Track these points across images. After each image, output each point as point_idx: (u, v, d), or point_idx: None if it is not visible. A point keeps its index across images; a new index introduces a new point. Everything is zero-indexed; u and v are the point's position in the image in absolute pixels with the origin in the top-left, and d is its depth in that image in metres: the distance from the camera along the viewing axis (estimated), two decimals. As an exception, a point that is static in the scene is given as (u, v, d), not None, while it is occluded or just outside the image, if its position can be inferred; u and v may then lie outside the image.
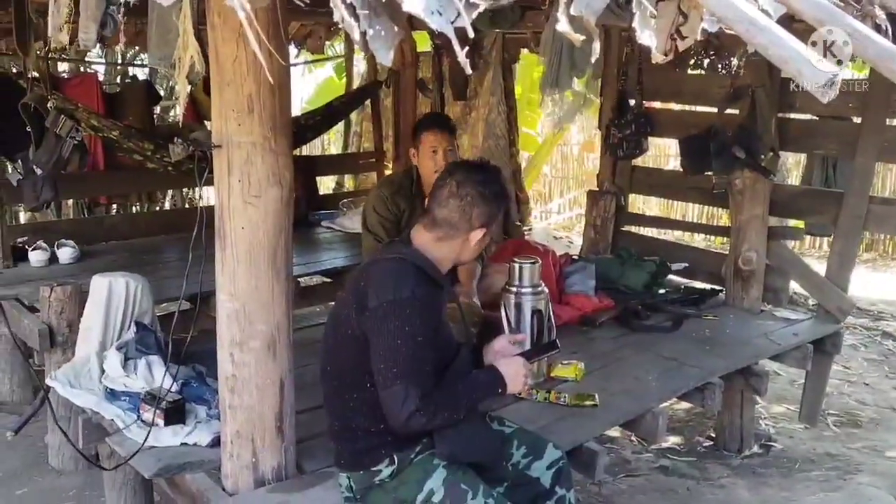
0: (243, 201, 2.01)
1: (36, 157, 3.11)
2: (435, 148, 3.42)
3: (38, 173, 3.09)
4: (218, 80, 1.99)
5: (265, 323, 2.08)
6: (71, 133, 2.99)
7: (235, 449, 2.14)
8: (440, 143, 3.41)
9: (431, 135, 3.41)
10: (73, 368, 2.78)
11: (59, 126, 3.01)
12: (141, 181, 5.33)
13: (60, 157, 3.06)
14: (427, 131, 3.44)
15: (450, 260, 2.09)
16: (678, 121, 4.29)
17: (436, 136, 3.42)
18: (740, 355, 3.25)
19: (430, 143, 3.41)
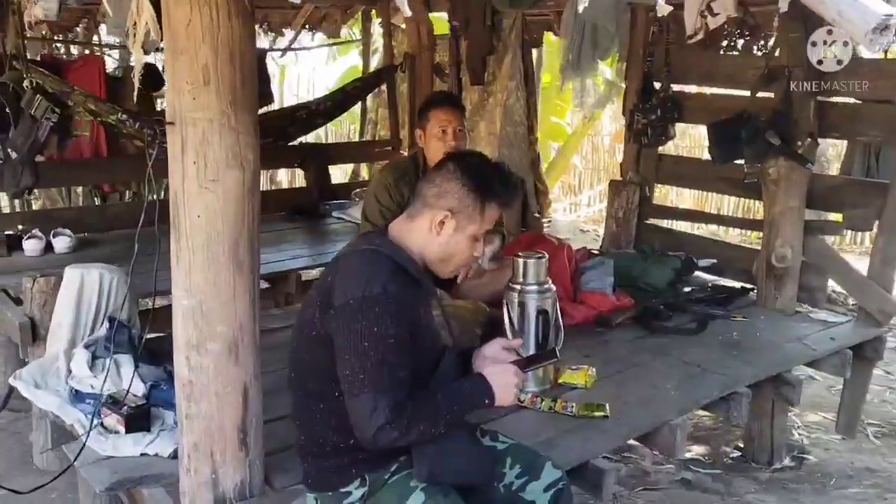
0: (199, 186, 1.78)
1: (11, 139, 2.93)
2: (444, 127, 3.18)
3: (13, 157, 2.89)
4: (171, 49, 1.75)
5: (225, 323, 1.85)
6: (46, 114, 2.78)
7: (193, 463, 1.91)
8: (450, 121, 3.19)
9: (441, 112, 3.19)
10: (41, 367, 2.58)
11: (34, 107, 2.81)
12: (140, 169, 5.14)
13: (37, 140, 2.87)
14: (436, 108, 3.21)
15: (422, 250, 1.83)
16: (708, 105, 3.97)
17: (446, 114, 3.19)
18: (770, 362, 2.95)
19: (440, 122, 3.18)
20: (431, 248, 1.83)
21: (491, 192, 1.84)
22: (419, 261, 1.85)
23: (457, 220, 1.81)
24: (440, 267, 1.87)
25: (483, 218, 1.84)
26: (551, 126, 9.17)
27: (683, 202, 7.79)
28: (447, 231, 1.82)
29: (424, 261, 1.86)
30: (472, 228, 1.83)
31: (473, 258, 1.91)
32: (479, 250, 1.89)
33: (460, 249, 1.84)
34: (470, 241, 1.84)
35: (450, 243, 1.83)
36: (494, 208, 1.85)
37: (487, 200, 1.83)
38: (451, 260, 1.86)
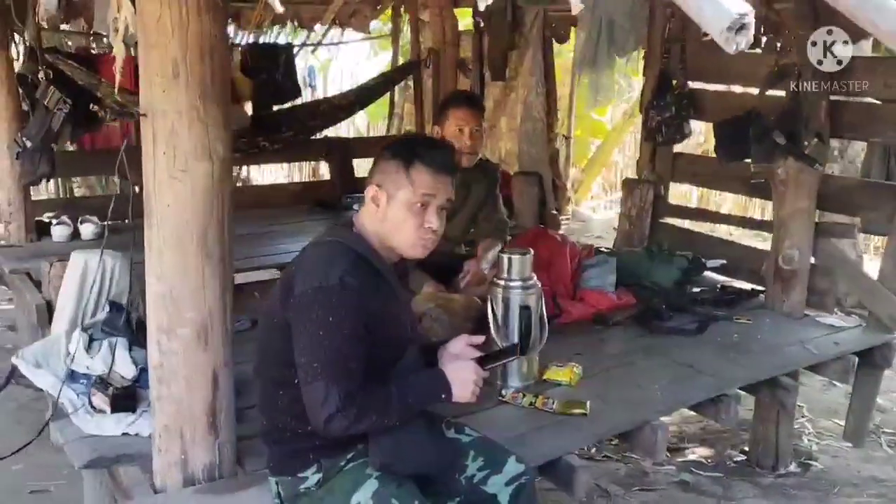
0: (169, 176, 1.84)
1: (27, 129, 3.05)
2: (461, 126, 3.22)
3: (28, 146, 3.01)
4: (143, 43, 1.82)
5: (195, 309, 1.91)
6: (58, 105, 2.89)
7: (164, 443, 1.98)
8: (468, 121, 3.22)
9: (460, 111, 3.22)
10: (44, 347, 2.68)
11: (48, 98, 2.92)
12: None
13: (50, 130, 2.97)
14: (455, 108, 3.24)
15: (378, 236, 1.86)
16: (723, 103, 3.91)
17: (465, 114, 3.22)
18: (766, 365, 2.90)
19: (458, 121, 3.22)
20: (380, 229, 1.86)
21: (412, 153, 1.84)
22: (384, 251, 1.88)
23: (387, 190, 1.84)
24: (398, 244, 1.87)
25: (412, 182, 1.82)
26: (592, 123, 9.09)
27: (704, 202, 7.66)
28: (382, 203, 1.84)
29: (391, 249, 1.88)
30: (403, 195, 1.82)
31: (428, 230, 1.86)
32: (428, 220, 1.85)
33: (401, 219, 1.83)
34: (408, 210, 1.83)
35: (388, 216, 1.84)
36: (422, 171, 1.83)
37: (411, 162, 1.83)
38: (400, 234, 1.85)
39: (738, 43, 0.94)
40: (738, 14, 0.90)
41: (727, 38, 0.93)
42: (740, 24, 0.90)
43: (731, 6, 0.90)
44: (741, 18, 0.90)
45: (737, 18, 0.90)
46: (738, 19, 0.90)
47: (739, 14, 0.89)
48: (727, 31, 0.90)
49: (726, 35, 0.92)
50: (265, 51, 5.66)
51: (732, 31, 0.91)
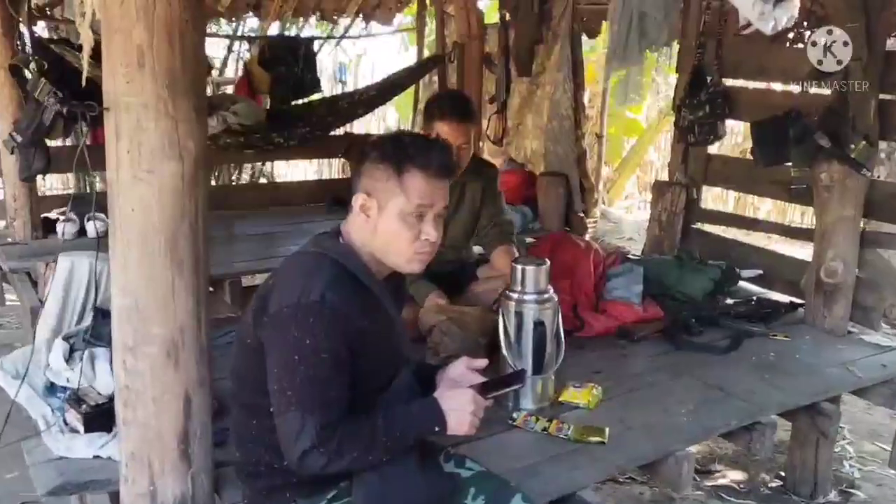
0: (133, 176, 1.65)
1: (17, 123, 2.90)
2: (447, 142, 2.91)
3: (19, 141, 2.86)
4: (105, 28, 1.63)
5: (163, 325, 1.72)
6: (49, 97, 2.72)
7: (130, 473, 1.79)
8: (455, 137, 2.83)
9: (446, 126, 2.85)
10: (24, 355, 2.52)
11: (38, 90, 2.76)
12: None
13: (41, 124, 2.81)
14: (441, 120, 2.87)
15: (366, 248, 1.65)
16: (762, 101, 3.65)
17: (451, 129, 2.85)
18: (804, 389, 2.64)
19: (444, 136, 2.79)
20: (370, 240, 1.65)
21: (404, 156, 1.61)
22: (374, 264, 1.68)
23: (377, 199, 1.62)
24: (392, 259, 1.67)
25: (404, 188, 1.61)
26: (626, 121, 8.81)
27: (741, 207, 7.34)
28: (373, 214, 1.63)
29: (380, 262, 1.68)
30: (396, 204, 1.61)
31: (426, 243, 1.66)
32: (425, 231, 1.65)
33: (393, 231, 1.63)
34: (402, 221, 1.62)
35: (380, 229, 1.63)
36: (416, 176, 1.62)
37: (402, 166, 1.61)
38: (393, 248, 1.65)
39: (778, 19, 0.72)
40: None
41: (762, 12, 0.72)
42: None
43: None
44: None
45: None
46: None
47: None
48: (762, 4, 0.68)
49: (761, 8, 0.71)
50: (284, 43, 5.52)
51: (770, 4, 0.68)
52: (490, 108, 5.30)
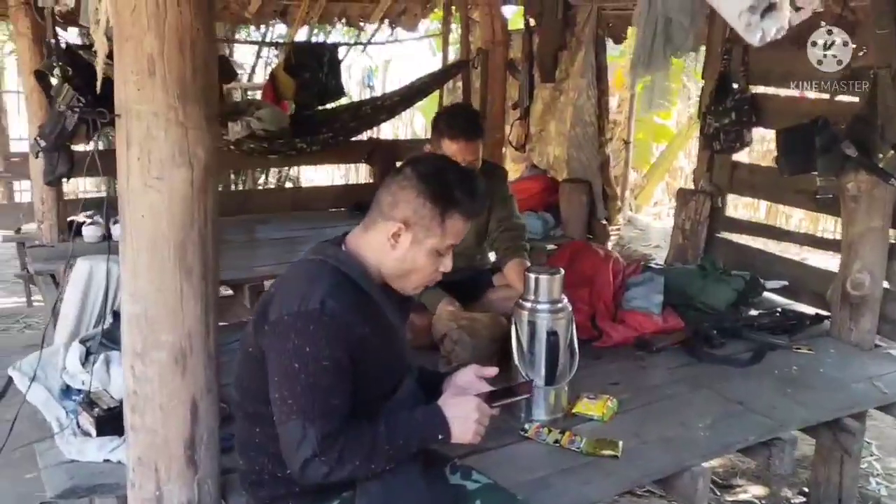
0: (143, 184, 1.65)
1: (41, 128, 2.94)
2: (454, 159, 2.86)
3: (42, 145, 2.90)
4: (117, 36, 1.63)
5: (171, 332, 1.72)
6: (72, 103, 2.76)
7: (137, 478, 1.80)
8: (462, 154, 2.80)
9: (455, 144, 2.81)
10: (42, 358, 2.55)
11: (62, 96, 2.80)
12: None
13: (64, 129, 2.85)
14: (450, 138, 2.82)
15: (378, 263, 1.65)
16: (789, 109, 3.57)
17: (459, 147, 2.81)
18: (828, 404, 2.58)
19: (451, 154, 2.80)
20: (387, 262, 1.65)
21: (451, 201, 1.62)
22: (376, 275, 1.67)
23: (413, 233, 1.61)
24: (398, 283, 1.68)
25: (444, 230, 1.62)
26: (655, 127, 8.71)
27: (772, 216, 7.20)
28: (403, 244, 1.62)
29: (382, 276, 1.67)
30: (431, 242, 1.63)
31: (440, 273, 1.70)
32: (444, 265, 1.68)
33: (420, 265, 1.64)
34: (431, 256, 1.64)
35: (406, 258, 1.63)
36: (457, 220, 1.64)
37: (448, 211, 1.62)
38: (410, 276, 1.66)
39: (766, 30, 0.69)
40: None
41: (749, 23, 0.68)
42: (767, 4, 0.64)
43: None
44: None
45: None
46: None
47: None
48: (749, 14, 0.65)
49: (748, 19, 0.67)
50: (309, 50, 5.52)
51: (756, 14, 0.65)
52: (513, 114, 5.26)
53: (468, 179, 1.69)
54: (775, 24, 0.68)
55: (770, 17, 0.67)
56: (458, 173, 1.69)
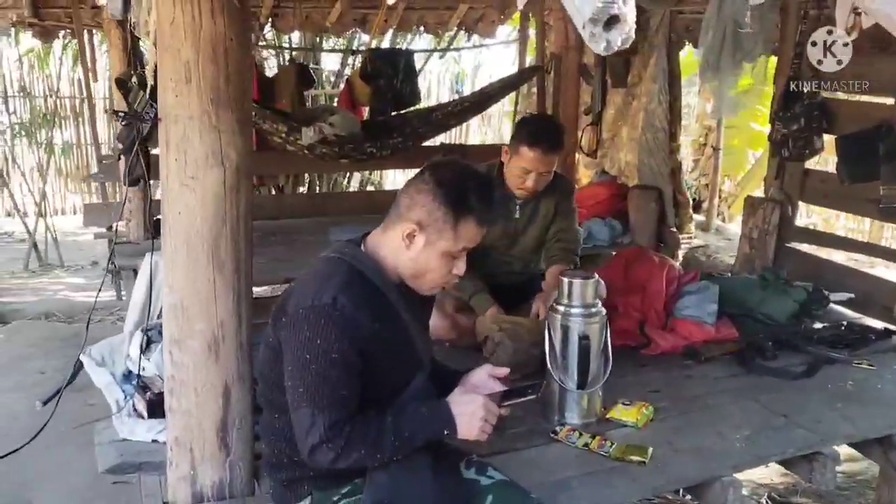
0: (180, 183, 1.79)
1: (119, 132, 3.16)
2: (529, 169, 2.86)
3: (120, 148, 3.12)
4: (159, 46, 1.77)
5: (205, 321, 1.85)
6: (146, 109, 2.96)
7: (175, 457, 1.93)
8: (538, 166, 2.86)
9: (532, 153, 2.84)
10: (111, 345, 2.76)
11: (137, 102, 3.01)
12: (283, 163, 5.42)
13: (140, 134, 3.06)
14: (530, 146, 2.83)
15: (395, 263, 1.72)
16: (863, 115, 3.43)
17: (537, 157, 2.84)
18: (878, 421, 2.47)
19: (527, 162, 2.85)
20: (402, 261, 1.71)
21: (465, 206, 1.67)
22: (394, 274, 1.74)
23: (426, 235, 1.68)
24: (414, 283, 1.75)
25: (457, 234, 1.68)
26: (751, 133, 8.45)
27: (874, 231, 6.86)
28: (417, 245, 1.68)
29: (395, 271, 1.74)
30: (443, 244, 1.68)
31: (455, 276, 1.76)
32: (458, 268, 1.74)
33: (432, 267, 1.70)
34: (443, 259, 1.70)
35: (419, 259, 1.69)
36: (471, 225, 1.69)
37: (462, 215, 1.67)
38: (424, 277, 1.72)
39: (612, 41, 0.71)
40: (602, 2, 0.66)
41: (593, 33, 0.70)
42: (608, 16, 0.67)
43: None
44: (608, 8, 0.66)
45: (601, 8, 0.66)
46: (604, 9, 0.66)
47: (605, 2, 0.65)
48: (592, 25, 0.67)
49: (592, 29, 0.69)
50: (385, 56, 5.67)
51: (598, 25, 0.68)
52: (585, 120, 5.25)
53: (485, 187, 1.73)
54: (620, 35, 0.70)
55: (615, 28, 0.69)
56: (475, 180, 1.74)
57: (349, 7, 5.56)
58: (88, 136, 8.03)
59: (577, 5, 0.70)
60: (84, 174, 8.62)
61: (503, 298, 3.08)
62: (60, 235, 7.21)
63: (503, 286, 3.15)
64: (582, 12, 0.69)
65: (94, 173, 5.56)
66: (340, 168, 6.15)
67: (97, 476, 2.13)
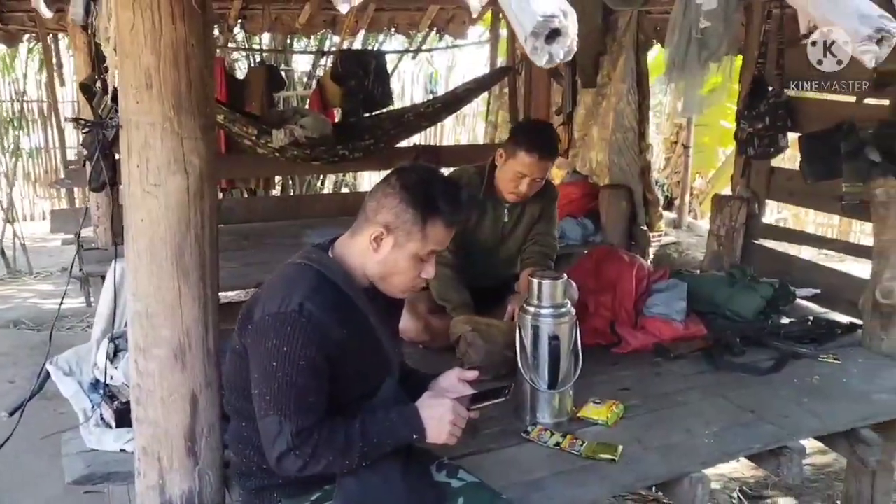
0: (142, 190, 1.76)
1: (84, 137, 3.12)
2: (524, 174, 2.88)
3: (85, 154, 3.08)
4: (119, 52, 1.75)
5: (170, 328, 1.82)
6: (110, 114, 2.92)
7: (143, 467, 1.90)
8: (534, 171, 2.89)
9: (528, 158, 2.85)
10: (78, 354, 2.71)
11: (101, 107, 2.96)
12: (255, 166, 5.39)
13: (105, 140, 3.01)
14: (526, 153, 2.85)
15: (363, 267, 1.72)
16: (827, 113, 3.48)
17: (532, 162, 2.86)
18: (844, 415, 2.51)
19: (523, 167, 2.87)
20: (371, 265, 1.72)
21: (433, 208, 1.68)
22: (362, 279, 1.74)
23: (394, 237, 1.68)
24: (383, 286, 1.75)
25: (425, 236, 1.69)
26: (722, 131, 8.54)
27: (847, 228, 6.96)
28: (385, 248, 1.69)
29: (369, 279, 1.75)
30: (412, 247, 1.69)
31: (423, 280, 1.77)
32: (426, 271, 1.74)
33: (401, 269, 1.71)
34: (412, 261, 1.70)
35: (388, 261, 1.70)
36: (439, 227, 1.70)
37: (429, 218, 1.68)
38: (392, 279, 1.73)
39: (554, 54, 0.72)
40: (543, 16, 0.66)
41: (535, 47, 0.70)
42: (549, 30, 0.67)
43: (538, 5, 0.67)
44: (549, 21, 0.67)
45: (542, 22, 0.67)
46: (545, 23, 0.67)
47: (546, 16, 0.66)
48: (533, 39, 0.68)
49: (534, 43, 0.70)
50: (356, 57, 5.66)
51: (540, 39, 0.68)
52: (557, 120, 5.28)
53: (451, 189, 1.74)
54: (562, 48, 0.71)
55: (556, 41, 0.70)
56: (442, 183, 1.75)
57: (319, 8, 5.54)
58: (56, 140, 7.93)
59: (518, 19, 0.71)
60: (52, 179, 8.51)
61: (482, 301, 3.10)
62: (29, 241, 7.11)
63: (484, 289, 3.16)
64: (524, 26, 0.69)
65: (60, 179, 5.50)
66: (312, 170, 6.13)
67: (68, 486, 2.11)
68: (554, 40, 0.70)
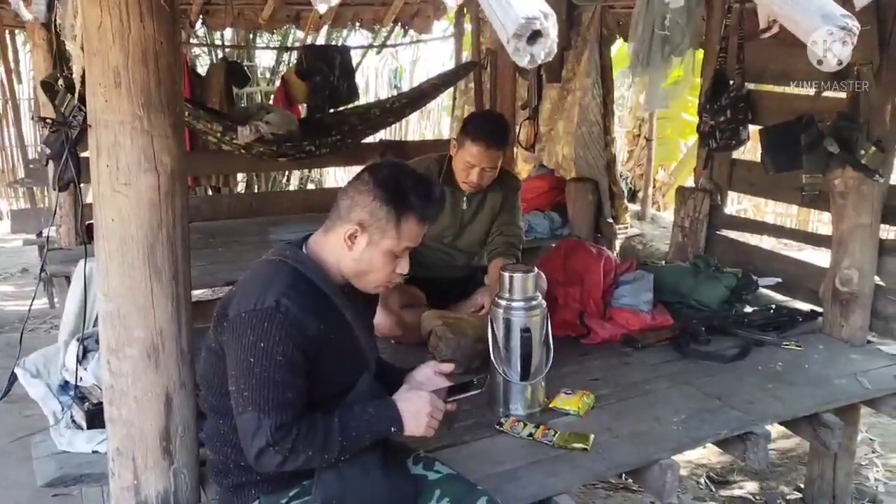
0: (112, 189, 1.75)
1: (46, 136, 3.07)
2: (473, 164, 2.92)
3: (48, 152, 3.03)
4: (87, 50, 1.73)
5: (143, 328, 1.82)
6: (73, 113, 2.87)
7: (117, 467, 1.90)
8: (482, 160, 2.92)
9: (476, 147, 2.90)
10: (45, 356, 2.68)
11: (64, 105, 2.92)
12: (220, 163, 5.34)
13: (68, 138, 2.96)
14: (474, 141, 2.90)
15: (338, 264, 1.73)
16: (786, 106, 3.54)
17: (481, 152, 2.90)
18: (807, 399, 2.59)
19: (471, 156, 2.91)
20: (346, 262, 1.73)
21: (406, 204, 1.70)
22: (337, 275, 1.75)
23: (369, 235, 1.69)
24: (359, 283, 1.76)
25: (399, 233, 1.70)
26: (684, 123, 8.66)
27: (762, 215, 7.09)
28: (359, 246, 1.70)
29: (344, 276, 1.76)
30: (387, 244, 1.70)
31: (399, 276, 1.78)
32: (401, 267, 1.76)
33: (376, 266, 1.72)
34: (386, 258, 1.72)
35: (363, 259, 1.71)
36: (413, 223, 1.71)
37: (403, 214, 1.69)
38: (368, 276, 1.74)
39: (535, 55, 0.74)
40: (525, 18, 0.69)
41: (517, 48, 0.73)
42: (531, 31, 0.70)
43: (520, 8, 0.70)
44: (530, 23, 0.69)
45: (524, 24, 0.69)
46: (527, 24, 0.69)
47: (527, 18, 0.69)
48: (515, 40, 0.70)
49: (515, 44, 0.73)
50: (320, 53, 5.63)
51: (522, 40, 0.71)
52: (522, 114, 5.31)
53: (424, 184, 1.75)
54: (543, 49, 0.73)
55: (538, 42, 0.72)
56: (414, 179, 1.76)
57: (282, 3, 5.50)
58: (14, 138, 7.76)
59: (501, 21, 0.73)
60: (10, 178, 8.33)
61: (446, 293, 3.12)
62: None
63: (446, 280, 3.19)
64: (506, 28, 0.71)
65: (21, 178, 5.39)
66: (279, 167, 6.09)
67: (39, 489, 2.08)
68: (535, 41, 0.73)
